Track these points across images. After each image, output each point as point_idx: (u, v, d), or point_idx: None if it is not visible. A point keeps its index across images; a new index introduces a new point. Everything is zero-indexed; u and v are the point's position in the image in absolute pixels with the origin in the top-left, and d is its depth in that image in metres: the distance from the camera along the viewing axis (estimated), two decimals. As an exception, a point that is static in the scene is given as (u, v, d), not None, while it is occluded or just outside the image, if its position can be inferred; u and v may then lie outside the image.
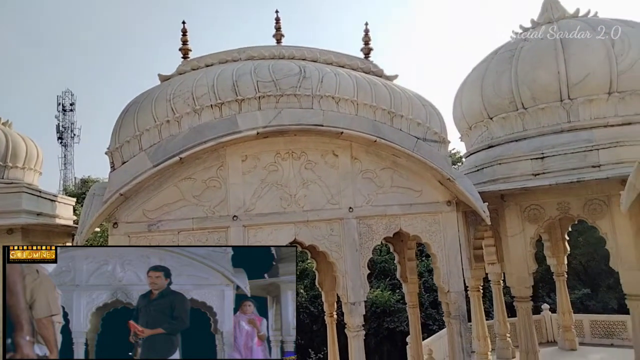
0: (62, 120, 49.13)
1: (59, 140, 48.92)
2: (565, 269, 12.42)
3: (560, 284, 12.45)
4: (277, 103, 6.53)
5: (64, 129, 49.17)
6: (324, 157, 6.91)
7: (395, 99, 7.03)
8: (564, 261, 12.26)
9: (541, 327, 14.82)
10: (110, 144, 6.38)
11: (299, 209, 6.75)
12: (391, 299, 21.72)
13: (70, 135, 49.37)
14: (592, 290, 23.78)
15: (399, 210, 7.15)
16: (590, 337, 13.88)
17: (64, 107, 49.34)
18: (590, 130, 7.82)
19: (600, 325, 14.00)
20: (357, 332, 6.91)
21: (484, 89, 8.84)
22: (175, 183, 6.45)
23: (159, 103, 6.33)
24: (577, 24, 8.47)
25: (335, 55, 7.44)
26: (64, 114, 49.29)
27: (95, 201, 6.29)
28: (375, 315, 22.15)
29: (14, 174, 8.19)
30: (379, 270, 24.13)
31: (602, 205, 7.47)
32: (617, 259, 7.47)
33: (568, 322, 12.42)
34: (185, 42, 7.20)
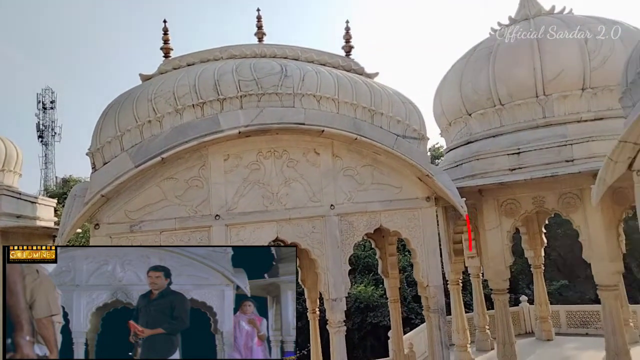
0: (42, 119, 48.02)
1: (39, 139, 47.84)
2: (543, 261, 12.75)
3: (537, 275, 12.79)
4: (259, 102, 6.56)
5: (44, 127, 48.06)
6: (306, 155, 6.97)
7: (375, 97, 7.13)
8: (541, 253, 12.59)
9: (519, 319, 15.18)
10: (91, 145, 6.32)
11: (281, 207, 6.80)
12: (374, 294, 21.95)
13: (50, 134, 48.33)
14: (570, 281, 24.39)
15: (380, 207, 7.26)
16: (566, 327, 14.28)
17: (44, 105, 48.18)
18: (564, 125, 8.05)
19: (575, 316, 14.42)
20: (338, 327, 6.98)
21: (463, 85, 9.02)
22: (157, 183, 6.43)
23: (141, 103, 6.30)
24: (552, 21, 8.68)
25: (317, 54, 7.49)
26: (44, 112, 48.14)
27: (76, 202, 6.25)
28: (359, 310, 22.36)
29: (-8, 176, 8.06)
30: (363, 266, 24.35)
31: (576, 199, 7.72)
32: (590, 251, 7.74)
33: (545, 313, 12.77)
34: (166, 42, 7.16)
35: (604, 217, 7.52)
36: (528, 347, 12.23)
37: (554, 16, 9.02)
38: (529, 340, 13.00)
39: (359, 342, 22.41)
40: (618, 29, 8.11)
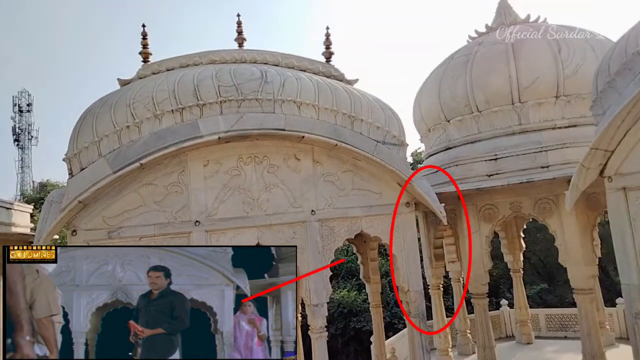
0: (18, 122, 47.21)
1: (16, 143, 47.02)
2: (522, 265, 12.95)
3: (516, 280, 12.98)
4: (239, 107, 6.57)
5: (20, 130, 47.27)
6: (286, 161, 6.99)
7: (355, 103, 7.19)
8: (520, 258, 12.78)
9: (500, 323, 15.37)
10: (68, 150, 6.25)
11: (261, 212, 6.80)
12: (357, 299, 22.02)
13: (27, 137, 47.51)
14: (549, 285, 24.79)
15: (360, 212, 7.30)
16: (546, 331, 14.50)
17: (20, 107, 47.43)
18: (539, 132, 8.24)
19: (554, 319, 14.66)
20: (320, 333, 6.97)
21: (441, 92, 9.16)
22: (136, 189, 6.38)
23: (119, 108, 6.26)
24: (527, 29, 8.88)
25: (297, 59, 7.54)
26: (21, 115, 47.36)
27: (52, 209, 6.16)
28: (342, 316, 22.39)
29: (-36, 182, 7.88)
30: (346, 271, 24.42)
31: (551, 204, 7.89)
32: (565, 255, 7.91)
33: (524, 317, 12.95)
34: (145, 46, 7.14)
35: (579, 222, 7.69)
36: (508, 351, 12.39)
37: (529, 25, 9.24)
38: (509, 343, 13.17)
39: (342, 347, 22.43)
40: (589, 38, 8.36)
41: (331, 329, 22.40)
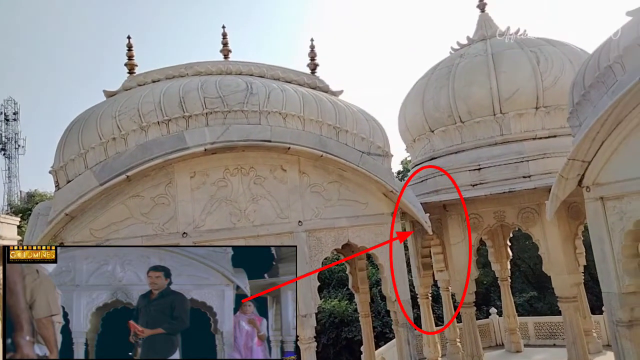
0: (4, 131, 46.67)
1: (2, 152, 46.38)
2: (509, 273, 13.06)
3: (504, 288, 13.07)
4: (225, 119, 6.65)
5: (7, 139, 46.66)
6: (273, 172, 7.06)
7: (340, 115, 7.30)
8: (507, 266, 12.90)
9: (489, 331, 15.43)
10: (54, 162, 6.30)
11: (249, 224, 6.85)
12: (348, 308, 21.98)
13: (14, 147, 46.99)
14: (539, 293, 24.92)
15: (347, 223, 7.36)
16: (535, 339, 14.60)
17: (7, 116, 46.84)
18: (521, 142, 8.40)
19: (543, 327, 14.76)
20: (309, 344, 6.99)
21: (425, 103, 9.32)
22: (123, 201, 6.41)
23: (105, 120, 6.32)
24: (507, 43, 9.07)
25: (282, 71, 7.65)
26: (7, 123, 46.84)
27: (39, 221, 6.19)
28: (334, 325, 22.33)
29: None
30: (337, 280, 24.40)
31: (534, 213, 8.03)
32: (549, 264, 8.04)
33: (513, 325, 13.02)
34: (130, 57, 7.21)
35: (561, 231, 7.83)
36: (498, 359, 12.45)
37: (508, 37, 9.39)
38: (498, 352, 13.23)
39: (334, 357, 22.33)
40: (567, 51, 8.58)
41: (323, 338, 22.32)
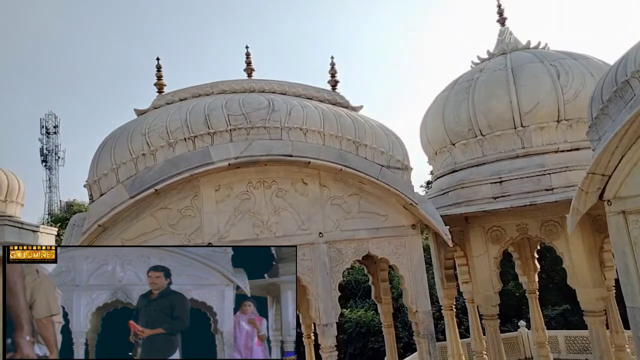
0: (45, 143, 48.80)
1: (43, 163, 48.50)
2: (537, 286, 12.83)
3: (532, 301, 12.84)
4: (248, 135, 6.91)
5: (47, 151, 48.77)
6: (294, 185, 7.26)
7: (359, 129, 7.46)
8: (535, 279, 12.68)
9: (518, 344, 15.19)
10: (88, 177, 6.69)
11: (271, 235, 7.05)
12: (375, 318, 21.91)
13: (54, 159, 49.02)
14: (573, 306, 24.16)
15: (367, 235, 7.47)
16: (566, 353, 14.26)
17: (48, 130, 49.02)
18: (543, 155, 8.35)
19: (575, 341, 14.42)
20: (330, 352, 7.08)
21: (446, 116, 9.39)
22: (152, 213, 6.73)
23: (135, 137, 6.69)
24: (527, 56, 9.10)
25: (303, 88, 7.88)
26: (48, 136, 48.95)
27: (75, 232, 6.57)
28: (360, 335, 22.29)
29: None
30: (363, 291, 24.37)
31: (557, 226, 7.95)
32: (573, 278, 7.93)
33: (542, 339, 12.75)
34: (160, 78, 7.60)
35: (585, 245, 7.73)
36: (525, 373, 12.25)
37: (529, 51, 9.44)
38: (527, 366, 13.01)
39: (361, 367, 22.29)
40: (588, 64, 8.50)
41: (350, 348, 22.32)
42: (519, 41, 9.75)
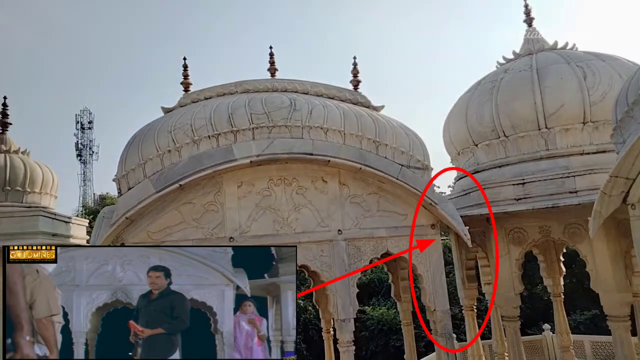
0: (80, 138, 50.33)
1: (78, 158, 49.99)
2: (562, 290, 12.59)
3: (557, 304, 12.60)
4: (270, 133, 7.08)
5: (82, 146, 50.24)
6: (314, 183, 7.39)
7: (380, 129, 7.52)
8: (560, 282, 12.44)
9: (542, 347, 14.93)
10: (117, 172, 7.01)
11: (291, 231, 7.21)
12: (397, 317, 21.86)
13: (88, 153, 50.55)
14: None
15: (386, 233, 7.53)
16: (592, 358, 13.94)
17: (82, 125, 50.52)
18: (567, 157, 8.20)
19: (601, 347, 14.09)
20: (347, 347, 7.18)
21: (469, 117, 9.31)
22: (177, 207, 6.99)
23: (161, 134, 6.95)
24: (553, 57, 8.93)
25: (325, 88, 7.99)
26: (83, 132, 50.49)
27: (104, 223, 6.90)
28: (382, 333, 22.32)
29: (32, 199, 8.94)
30: (386, 289, 24.36)
31: (581, 229, 7.80)
32: (597, 282, 7.78)
33: (566, 343, 12.52)
34: (186, 77, 7.85)
35: (610, 249, 7.56)
36: (548, 377, 12.07)
37: (556, 52, 9.26)
38: (550, 370, 12.81)
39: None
40: (617, 65, 8.28)
41: (371, 345, 22.39)
42: (545, 42, 9.58)
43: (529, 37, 9.57)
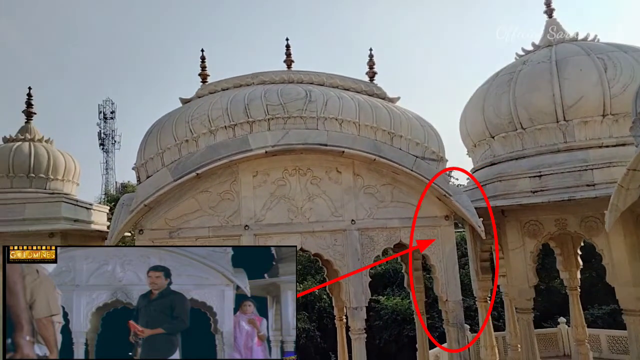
0: (103, 128, 51.19)
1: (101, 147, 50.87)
2: (579, 283, 12.48)
3: (573, 298, 12.49)
4: (285, 124, 7.17)
5: (105, 136, 51.11)
6: (328, 173, 7.47)
7: (395, 120, 7.53)
8: (577, 275, 12.32)
9: (557, 340, 14.88)
10: (136, 160, 7.18)
11: (305, 220, 7.33)
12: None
13: (111, 142, 51.39)
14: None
15: (399, 224, 7.58)
16: (608, 352, 13.85)
17: (105, 115, 51.33)
18: (585, 150, 8.08)
19: (618, 341, 13.97)
20: (359, 334, 7.31)
21: (486, 109, 9.22)
22: (194, 195, 7.17)
23: (179, 124, 7.10)
24: (573, 49, 8.77)
25: (341, 79, 8.01)
26: (105, 121, 51.31)
27: (123, 210, 7.09)
28: (396, 323, 22.44)
29: (54, 186, 9.25)
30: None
31: (598, 222, 7.72)
32: (613, 275, 7.72)
33: (581, 336, 12.43)
34: (204, 68, 7.96)
35: (627, 243, 7.49)
36: (561, 370, 12.06)
37: (576, 43, 9.09)
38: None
39: (396, 353, 22.48)
40: (639, 57, 8.07)
41: (385, 334, 22.54)
42: (566, 33, 9.38)
43: (549, 28, 9.38)
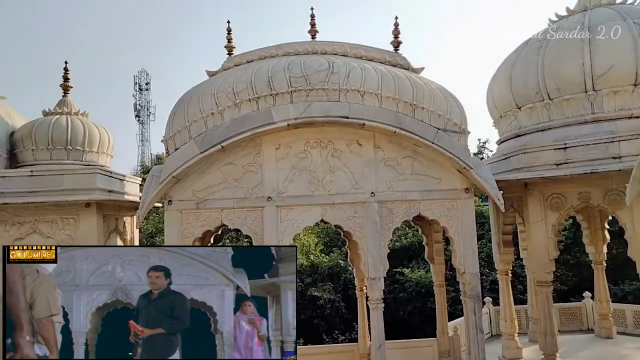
0: (138, 99, 51.95)
1: (136, 118, 51.76)
2: (605, 257, 12.34)
3: (598, 272, 12.41)
4: (307, 97, 7.26)
5: (140, 107, 51.89)
6: (349, 146, 7.57)
7: (417, 92, 7.50)
8: (603, 250, 12.19)
9: (581, 315, 14.78)
10: (165, 133, 7.45)
11: (325, 192, 7.49)
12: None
13: (146, 114, 52.20)
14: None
15: (418, 196, 7.63)
16: (633, 328, 13.69)
17: (140, 86, 51.99)
18: (614, 121, 7.87)
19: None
20: (376, 304, 7.53)
21: (513, 79, 9.02)
22: (219, 167, 7.41)
23: (205, 97, 7.29)
24: (609, 14, 8.42)
25: (365, 49, 7.97)
26: (140, 93, 52.00)
27: (153, 182, 7.42)
28: (420, 295, 22.66)
29: (90, 158, 9.67)
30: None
31: (622, 195, 7.58)
32: (634, 249, 7.64)
33: (605, 311, 12.43)
34: (229, 41, 8.05)
35: (652, 216, 7.38)
36: (584, 343, 12.08)
37: (613, 8, 8.69)
38: (587, 336, 12.78)
39: (419, 325, 22.83)
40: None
41: (409, 306, 22.84)
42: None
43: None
